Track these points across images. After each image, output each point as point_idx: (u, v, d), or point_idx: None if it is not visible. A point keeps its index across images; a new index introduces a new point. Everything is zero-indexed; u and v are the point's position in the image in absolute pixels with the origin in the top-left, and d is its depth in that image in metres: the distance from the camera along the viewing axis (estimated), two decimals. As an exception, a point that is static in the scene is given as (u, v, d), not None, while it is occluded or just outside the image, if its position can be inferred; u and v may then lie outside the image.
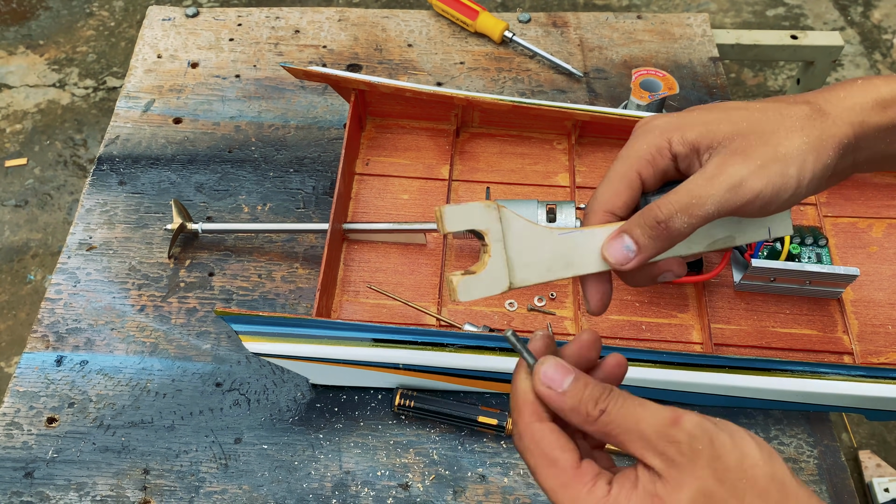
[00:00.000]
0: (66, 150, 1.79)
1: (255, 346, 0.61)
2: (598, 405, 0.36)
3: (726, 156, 0.40)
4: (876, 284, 0.72)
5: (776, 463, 0.34)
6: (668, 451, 0.34)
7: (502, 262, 0.40)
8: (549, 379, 0.37)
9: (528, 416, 0.37)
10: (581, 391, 0.36)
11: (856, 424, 1.40)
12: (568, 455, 0.36)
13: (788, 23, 2.04)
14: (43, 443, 0.65)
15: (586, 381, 0.37)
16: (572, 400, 0.36)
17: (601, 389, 0.36)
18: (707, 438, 0.34)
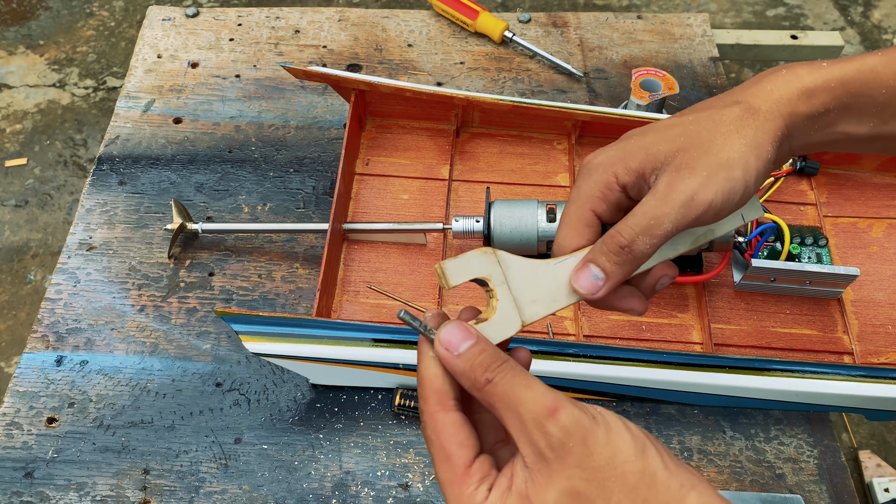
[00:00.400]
0: (66, 150, 1.79)
1: (255, 346, 0.61)
2: (486, 373, 0.36)
3: (673, 173, 0.41)
4: (876, 284, 0.72)
5: (649, 456, 0.34)
6: (539, 442, 0.34)
7: (510, 303, 0.41)
8: (447, 341, 0.37)
9: (434, 403, 0.37)
10: (475, 356, 0.36)
11: (856, 424, 1.40)
12: (463, 452, 0.36)
13: (788, 23, 2.04)
14: (43, 443, 0.65)
15: (483, 348, 0.36)
16: (464, 363, 0.36)
17: (493, 358, 0.36)
18: (580, 435, 0.34)
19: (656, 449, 0.35)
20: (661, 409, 0.67)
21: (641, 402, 0.67)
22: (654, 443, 0.35)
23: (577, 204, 0.44)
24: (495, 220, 0.68)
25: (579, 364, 0.62)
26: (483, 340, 0.37)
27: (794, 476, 0.64)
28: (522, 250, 0.69)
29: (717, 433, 0.66)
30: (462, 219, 0.71)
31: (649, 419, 0.66)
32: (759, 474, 0.64)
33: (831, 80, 0.42)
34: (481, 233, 0.70)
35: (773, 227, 0.70)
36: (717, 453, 0.65)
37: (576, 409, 0.35)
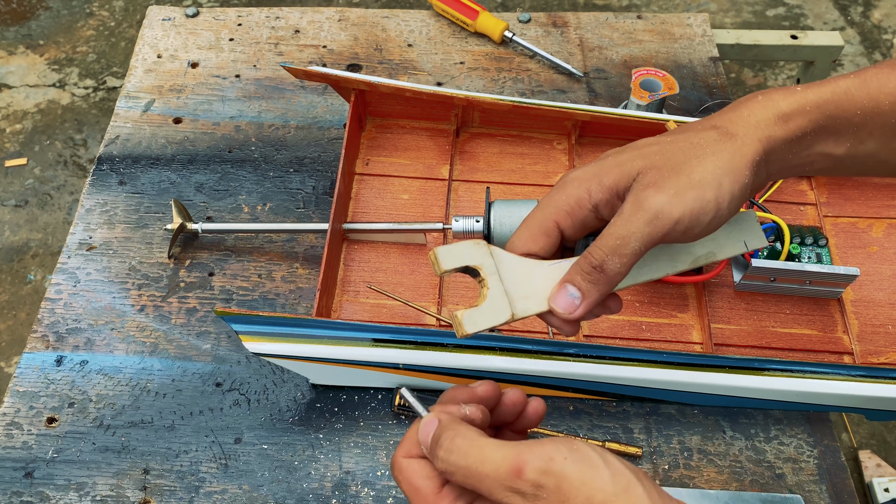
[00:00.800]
0: (66, 150, 1.79)
1: (255, 346, 0.61)
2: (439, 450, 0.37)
3: (640, 191, 0.41)
4: (876, 284, 0.72)
5: (633, 493, 0.33)
6: (513, 501, 0.34)
7: (501, 293, 0.42)
8: (422, 433, 0.40)
9: (403, 452, 0.40)
10: (426, 437, 0.39)
11: (856, 424, 1.40)
12: (430, 482, 0.38)
13: (788, 23, 2.04)
14: (43, 443, 0.65)
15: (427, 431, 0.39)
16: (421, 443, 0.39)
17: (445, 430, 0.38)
18: (553, 483, 0.34)
19: (641, 484, 0.34)
20: (661, 409, 0.67)
21: (641, 402, 0.67)
22: (641, 479, 0.34)
23: (543, 212, 0.44)
24: (495, 220, 0.68)
25: (579, 364, 0.62)
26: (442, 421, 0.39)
27: (794, 476, 0.64)
28: (522, 250, 0.69)
29: (717, 433, 0.66)
30: (462, 219, 0.71)
31: (649, 419, 0.66)
32: (759, 474, 0.64)
33: (807, 104, 0.42)
34: (481, 233, 0.70)
35: (773, 226, 0.70)
36: (717, 453, 0.65)
37: (542, 457, 0.34)
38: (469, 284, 0.72)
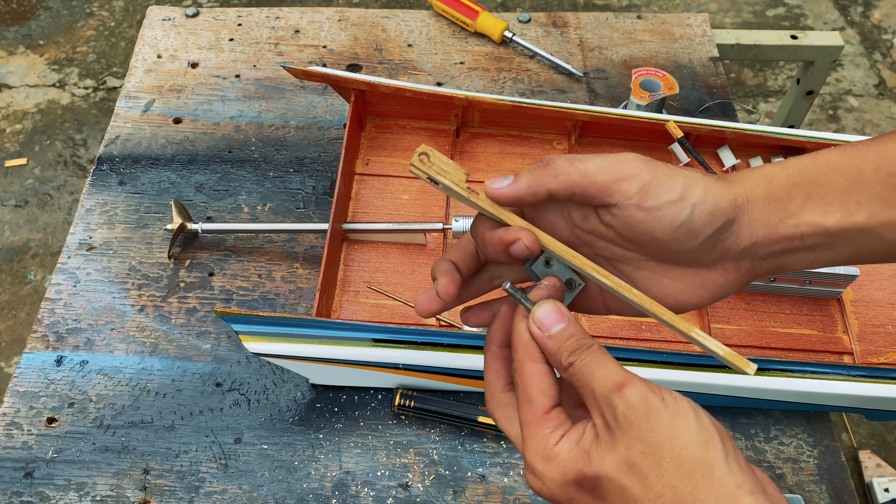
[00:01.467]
0: (66, 150, 1.79)
1: (255, 346, 0.61)
2: (570, 357, 0.38)
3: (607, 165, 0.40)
4: (876, 284, 0.72)
5: (711, 448, 0.35)
6: (606, 414, 0.36)
7: None
8: (539, 322, 0.39)
9: (522, 354, 0.40)
10: (563, 340, 0.39)
11: (856, 424, 1.40)
12: (544, 399, 0.39)
13: (788, 23, 2.04)
14: (43, 443, 0.65)
15: (572, 332, 0.39)
16: (553, 345, 0.39)
17: (579, 343, 0.39)
18: (644, 411, 0.36)
19: (723, 444, 0.36)
20: (661, 409, 0.67)
21: (641, 402, 0.67)
22: (723, 438, 0.36)
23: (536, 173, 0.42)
24: (495, 220, 0.68)
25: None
26: (573, 324, 0.39)
27: (794, 476, 0.64)
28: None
29: (717, 433, 0.66)
30: (462, 219, 0.71)
31: (649, 419, 0.66)
32: (759, 474, 0.64)
33: (789, 166, 0.42)
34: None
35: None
36: (717, 453, 0.65)
37: (644, 387, 0.36)
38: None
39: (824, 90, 1.90)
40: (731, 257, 0.42)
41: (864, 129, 1.83)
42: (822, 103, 1.88)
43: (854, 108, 1.87)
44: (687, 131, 0.75)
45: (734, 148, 0.78)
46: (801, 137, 0.75)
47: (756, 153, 0.80)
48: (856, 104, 1.88)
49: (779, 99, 1.90)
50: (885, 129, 1.83)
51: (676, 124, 0.75)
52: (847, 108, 1.87)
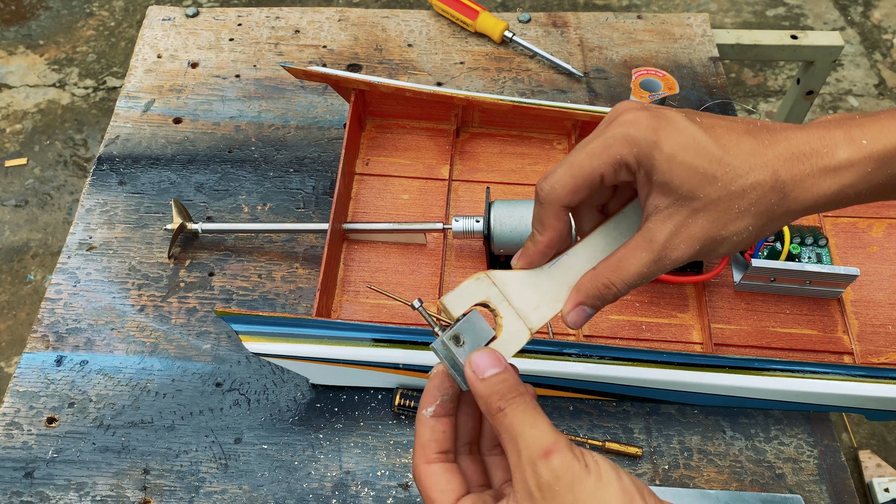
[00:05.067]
0: (66, 150, 1.79)
1: (255, 346, 0.61)
2: (500, 402, 0.38)
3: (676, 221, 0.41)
4: (876, 284, 0.72)
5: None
6: (529, 480, 0.36)
7: (514, 317, 0.43)
8: (475, 364, 0.39)
9: (419, 457, 0.40)
10: (496, 384, 0.38)
11: (856, 424, 1.40)
12: (445, 496, 0.39)
13: (788, 23, 2.04)
14: (43, 443, 0.65)
15: (504, 378, 0.39)
16: (485, 388, 0.38)
17: (511, 389, 0.38)
18: (568, 480, 0.35)
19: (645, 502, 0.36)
20: (661, 409, 0.67)
21: (641, 402, 0.67)
22: (644, 496, 0.36)
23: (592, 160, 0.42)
24: (495, 220, 0.68)
25: (579, 364, 0.62)
26: (508, 370, 0.39)
27: (794, 476, 0.64)
28: (522, 250, 0.69)
29: (717, 433, 0.66)
30: (462, 219, 0.71)
31: (649, 419, 0.66)
32: (759, 474, 0.64)
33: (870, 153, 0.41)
34: (481, 233, 0.70)
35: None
36: (717, 453, 0.65)
37: (570, 455, 0.36)
38: (469, 284, 0.72)
39: (824, 90, 1.90)
40: None
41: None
42: (822, 103, 1.88)
43: (854, 108, 1.87)
44: (687, 131, 0.75)
45: (734, 148, 0.78)
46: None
47: (756, 153, 0.79)
48: (856, 104, 1.88)
49: (779, 99, 1.90)
50: (885, 129, 1.83)
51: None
52: (847, 108, 1.87)
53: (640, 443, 0.65)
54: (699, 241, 0.41)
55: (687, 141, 0.40)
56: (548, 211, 0.42)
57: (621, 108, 0.43)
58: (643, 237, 0.42)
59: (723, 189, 0.40)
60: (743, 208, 0.41)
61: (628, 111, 0.42)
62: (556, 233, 0.43)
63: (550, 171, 0.42)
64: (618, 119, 0.42)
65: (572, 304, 0.44)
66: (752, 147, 0.41)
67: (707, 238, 0.41)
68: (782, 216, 0.41)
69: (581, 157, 0.41)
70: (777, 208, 0.41)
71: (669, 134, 0.40)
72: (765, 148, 0.41)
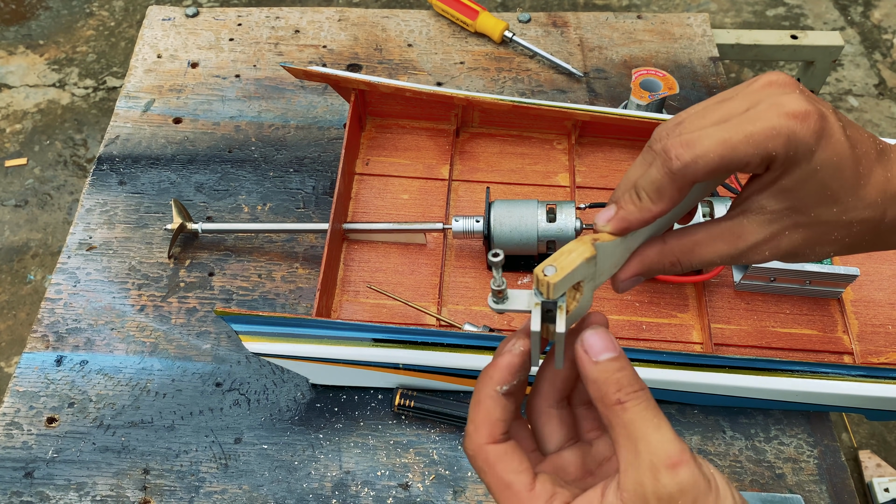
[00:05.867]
0: (66, 150, 1.79)
1: (255, 346, 0.61)
2: (619, 394, 0.35)
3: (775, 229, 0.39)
4: (876, 284, 0.72)
5: None
6: (646, 486, 0.33)
7: (590, 293, 0.39)
8: (589, 344, 0.36)
9: (485, 436, 0.37)
10: (613, 371, 0.35)
11: (856, 424, 1.40)
12: (522, 477, 0.36)
13: (788, 23, 2.04)
14: (43, 443, 0.65)
15: (622, 366, 0.36)
16: (600, 373, 0.35)
17: (630, 381, 0.35)
18: (692, 497, 0.33)
19: None
20: (661, 408, 0.67)
21: (641, 402, 0.67)
22: None
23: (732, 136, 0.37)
24: (495, 220, 0.68)
25: (579, 364, 0.62)
26: (624, 358, 0.36)
27: (794, 476, 0.64)
28: (523, 250, 0.69)
29: (717, 433, 0.66)
30: (462, 219, 0.71)
31: (649, 419, 0.66)
32: (759, 474, 0.64)
33: None
34: (481, 233, 0.70)
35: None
36: (717, 453, 0.65)
37: (697, 470, 0.33)
38: (469, 285, 0.72)
39: (824, 90, 1.90)
40: None
41: (865, 129, 1.83)
42: (822, 103, 1.87)
43: (854, 108, 1.87)
44: (687, 131, 0.75)
45: (734, 148, 0.78)
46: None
47: (756, 153, 0.79)
48: (856, 104, 1.88)
49: (779, 99, 1.89)
50: (885, 129, 1.83)
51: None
52: (847, 108, 1.87)
53: (640, 443, 0.65)
54: (784, 252, 0.39)
55: (834, 158, 0.37)
56: (676, 182, 0.37)
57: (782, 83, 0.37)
58: (731, 230, 0.39)
59: (837, 216, 0.38)
60: (839, 237, 0.39)
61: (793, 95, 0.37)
62: (670, 205, 0.38)
63: (689, 137, 0.36)
64: (781, 102, 0.36)
65: (632, 272, 0.41)
66: (880, 182, 0.39)
67: (792, 251, 0.39)
68: (862, 248, 0.40)
69: (738, 137, 0.36)
70: (864, 244, 0.40)
71: (825, 145, 0.36)
72: (887, 182, 0.39)
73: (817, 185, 0.37)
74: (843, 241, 0.39)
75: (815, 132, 0.36)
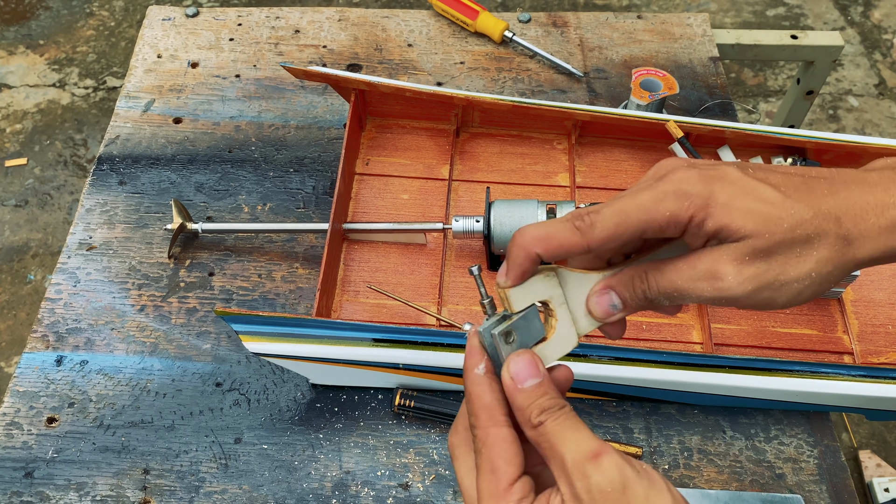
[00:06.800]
0: (66, 150, 1.79)
1: (255, 346, 0.61)
2: (541, 416, 0.36)
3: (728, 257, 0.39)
4: (876, 284, 0.72)
5: None
6: (576, 484, 0.34)
7: (569, 322, 0.41)
8: (515, 372, 0.38)
9: (486, 419, 0.38)
10: (536, 396, 0.37)
11: (856, 424, 1.40)
12: (509, 469, 0.37)
13: (788, 23, 2.04)
14: (43, 443, 0.65)
15: (545, 390, 0.37)
16: (525, 399, 0.37)
17: (552, 402, 0.37)
18: (620, 483, 0.34)
19: None
20: (661, 409, 0.67)
21: (641, 402, 0.67)
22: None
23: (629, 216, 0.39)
24: (495, 220, 0.68)
25: (579, 364, 0.62)
26: (547, 382, 0.38)
27: (794, 476, 0.64)
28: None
29: (717, 433, 0.66)
30: (462, 219, 0.71)
31: (649, 419, 0.66)
32: (759, 474, 0.64)
33: None
34: (481, 233, 0.70)
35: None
36: (717, 453, 0.65)
37: (619, 458, 0.35)
38: (469, 285, 0.72)
39: (824, 90, 1.90)
40: None
41: (865, 128, 1.83)
42: (822, 103, 1.88)
43: (854, 108, 1.87)
44: (687, 131, 0.75)
45: (734, 148, 0.78)
46: (801, 137, 0.75)
47: (756, 153, 0.80)
48: (856, 104, 1.88)
49: (779, 99, 1.90)
50: (885, 129, 1.83)
51: (676, 124, 0.75)
52: (847, 108, 1.87)
53: (640, 443, 0.65)
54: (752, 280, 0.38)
55: (743, 190, 0.38)
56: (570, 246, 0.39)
57: (669, 166, 0.40)
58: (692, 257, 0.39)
59: (788, 232, 0.38)
60: (805, 253, 0.38)
61: (678, 169, 0.39)
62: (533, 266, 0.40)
63: (594, 208, 0.39)
64: (668, 177, 0.39)
65: (602, 285, 0.41)
66: (813, 196, 0.39)
67: (764, 280, 0.38)
68: (846, 264, 0.39)
69: (630, 206, 0.38)
70: (842, 257, 0.39)
71: (723, 185, 0.38)
72: (825, 197, 0.39)
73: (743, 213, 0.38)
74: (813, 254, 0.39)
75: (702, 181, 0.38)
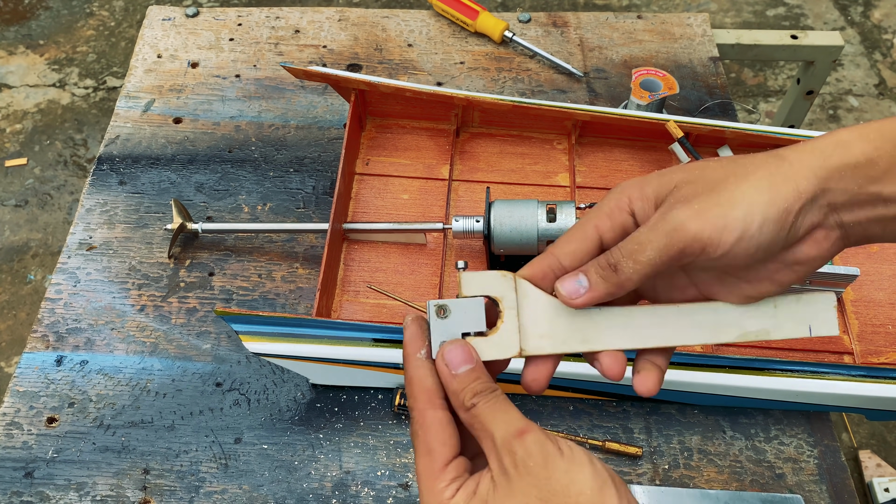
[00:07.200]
0: (66, 150, 1.79)
1: (255, 346, 0.61)
2: (473, 399, 0.38)
3: (670, 204, 0.41)
4: (876, 284, 0.72)
5: (606, 492, 0.36)
6: (504, 459, 0.37)
7: (514, 328, 0.41)
8: (449, 359, 0.40)
9: (423, 402, 0.40)
10: (469, 381, 0.39)
11: (856, 424, 1.40)
12: (444, 450, 0.39)
13: (788, 23, 2.04)
14: (43, 443, 0.65)
15: (478, 375, 0.39)
16: (458, 384, 0.39)
17: (484, 386, 0.39)
18: (542, 458, 0.36)
19: (616, 489, 0.36)
20: (661, 409, 0.67)
21: (641, 402, 0.67)
22: (616, 484, 0.37)
23: (585, 218, 0.44)
24: (495, 220, 0.68)
25: (580, 364, 0.62)
26: (480, 367, 0.40)
27: (794, 476, 0.64)
28: (522, 250, 0.69)
29: (717, 433, 0.66)
30: (462, 219, 0.71)
31: (649, 419, 0.66)
32: (759, 474, 0.64)
33: (869, 130, 0.40)
34: (481, 233, 0.70)
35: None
36: (717, 453, 0.65)
37: (542, 435, 0.37)
38: (469, 284, 0.72)
39: (824, 90, 1.90)
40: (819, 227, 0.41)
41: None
42: (822, 103, 1.88)
43: (854, 108, 1.87)
44: (687, 131, 0.75)
45: (734, 148, 0.78)
46: (801, 137, 0.75)
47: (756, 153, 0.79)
48: (856, 104, 1.88)
49: (779, 99, 1.90)
50: (885, 128, 1.83)
51: (676, 124, 0.75)
52: (847, 108, 1.87)
53: (640, 443, 0.65)
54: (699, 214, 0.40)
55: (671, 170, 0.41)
56: None
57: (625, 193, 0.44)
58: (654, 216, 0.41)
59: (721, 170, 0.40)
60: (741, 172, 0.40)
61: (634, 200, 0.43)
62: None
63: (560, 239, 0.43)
64: None
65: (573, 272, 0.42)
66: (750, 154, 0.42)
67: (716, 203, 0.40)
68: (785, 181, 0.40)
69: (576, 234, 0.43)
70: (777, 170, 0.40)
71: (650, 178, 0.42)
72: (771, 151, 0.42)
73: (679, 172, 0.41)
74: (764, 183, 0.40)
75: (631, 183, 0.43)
